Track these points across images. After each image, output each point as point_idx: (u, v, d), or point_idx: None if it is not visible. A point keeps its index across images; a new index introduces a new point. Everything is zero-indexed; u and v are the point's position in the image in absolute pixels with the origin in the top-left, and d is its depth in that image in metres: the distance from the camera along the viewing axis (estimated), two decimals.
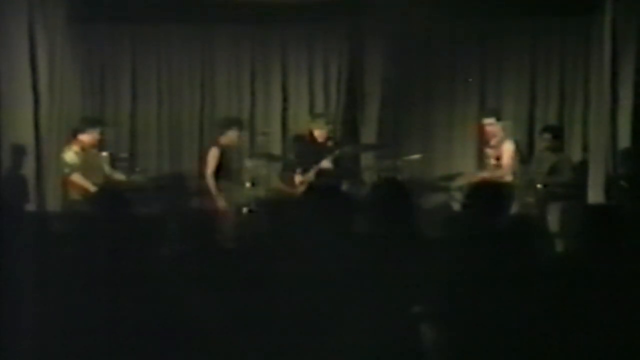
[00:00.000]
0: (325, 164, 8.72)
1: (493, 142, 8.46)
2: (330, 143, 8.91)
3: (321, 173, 8.67)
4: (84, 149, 8.23)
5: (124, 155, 9.29)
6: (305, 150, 8.93)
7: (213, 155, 8.53)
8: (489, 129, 8.47)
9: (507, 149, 8.32)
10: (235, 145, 8.74)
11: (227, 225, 4.34)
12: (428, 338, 3.55)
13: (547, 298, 3.54)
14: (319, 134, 8.88)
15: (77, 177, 8.07)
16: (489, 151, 8.53)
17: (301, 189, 8.51)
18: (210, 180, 8.46)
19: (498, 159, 8.35)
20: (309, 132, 9.01)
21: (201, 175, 8.58)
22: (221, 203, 8.21)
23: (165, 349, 3.35)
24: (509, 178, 8.17)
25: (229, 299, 3.46)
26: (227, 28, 9.80)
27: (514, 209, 8.30)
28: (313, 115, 9.47)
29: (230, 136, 8.63)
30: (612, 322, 3.46)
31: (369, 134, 9.79)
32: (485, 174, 8.41)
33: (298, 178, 8.78)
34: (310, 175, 8.69)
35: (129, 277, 3.48)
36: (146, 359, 3.36)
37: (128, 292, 3.43)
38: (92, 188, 8.00)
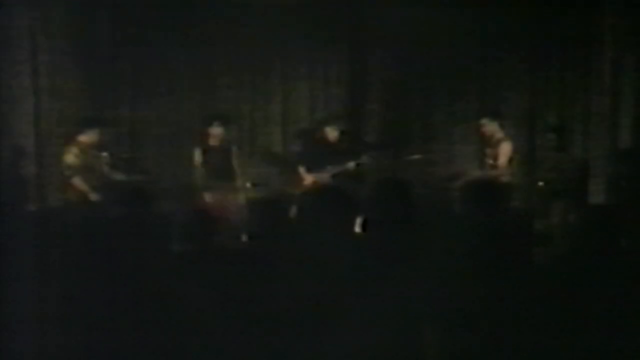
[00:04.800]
0: (351, 165, 8.70)
1: (491, 142, 8.45)
2: (342, 144, 8.90)
3: (339, 174, 8.65)
4: (83, 150, 8.20)
5: (124, 155, 9.27)
6: (316, 150, 8.90)
7: (197, 154, 8.45)
8: (485, 130, 8.46)
9: (504, 149, 8.30)
10: (221, 141, 8.53)
11: (220, 225, 4.32)
12: (428, 337, 3.55)
13: (547, 297, 3.54)
14: (332, 135, 8.84)
15: (77, 181, 8.05)
16: (488, 151, 8.53)
17: (307, 188, 8.44)
18: (199, 180, 8.41)
19: (496, 159, 8.34)
20: (320, 132, 8.97)
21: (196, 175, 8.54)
22: (214, 202, 8.17)
23: (164, 347, 3.35)
24: (506, 178, 8.15)
25: (229, 298, 3.46)
26: (227, 28, 9.79)
27: (515, 208, 8.35)
28: (328, 115, 9.43)
29: (213, 132, 8.50)
30: (612, 321, 3.46)
31: (369, 134, 9.79)
32: (483, 174, 8.40)
33: (309, 177, 8.75)
34: (325, 176, 8.67)
35: (128, 276, 3.48)
36: (146, 357, 3.36)
37: (129, 291, 3.43)
38: (91, 193, 7.98)
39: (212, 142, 8.47)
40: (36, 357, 3.40)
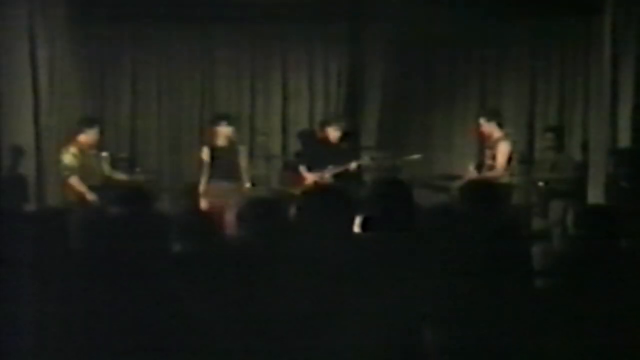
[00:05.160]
0: (353, 165, 8.73)
1: (489, 142, 8.45)
2: (343, 145, 8.90)
3: (340, 174, 8.66)
4: (82, 150, 8.20)
5: (124, 155, 9.29)
6: (317, 150, 8.90)
7: (204, 154, 8.45)
8: (484, 129, 8.46)
9: (502, 149, 8.29)
10: (228, 141, 8.51)
11: (218, 226, 4.30)
12: (428, 338, 3.55)
13: (547, 297, 3.55)
14: (334, 135, 8.84)
15: (74, 181, 8.05)
16: (487, 151, 8.53)
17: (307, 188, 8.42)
18: (202, 180, 8.41)
19: (494, 158, 8.33)
20: (321, 132, 8.96)
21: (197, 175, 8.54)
22: (216, 203, 8.16)
23: (165, 348, 3.35)
24: (504, 178, 8.13)
25: (227, 299, 3.46)
26: (227, 28, 9.80)
27: (515, 208, 8.34)
28: (330, 116, 9.42)
29: (220, 132, 8.51)
30: (612, 321, 3.46)
31: (369, 134, 9.80)
32: (482, 174, 8.39)
33: (310, 177, 8.75)
34: (327, 176, 8.67)
35: (128, 276, 3.48)
36: (147, 358, 3.36)
37: (129, 291, 3.43)
38: (89, 193, 7.98)
39: (220, 141, 8.47)
40: (36, 357, 3.40)
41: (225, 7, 9.15)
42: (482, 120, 8.46)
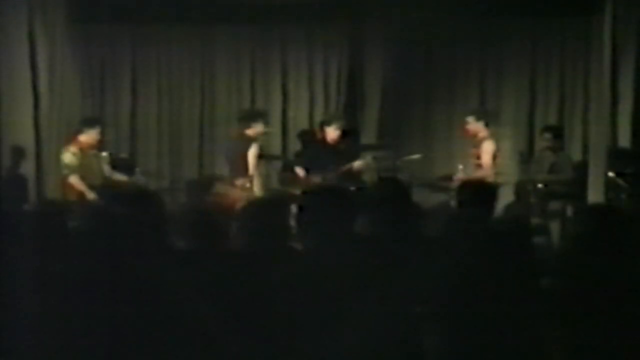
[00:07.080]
0: (357, 164, 8.72)
1: (474, 141, 8.47)
2: (342, 145, 8.89)
3: (343, 174, 8.64)
4: (82, 149, 8.20)
5: (124, 155, 9.28)
6: (317, 150, 8.88)
7: (253, 154, 8.30)
8: (469, 128, 8.47)
9: (487, 148, 8.30)
10: (261, 139, 8.51)
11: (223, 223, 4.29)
12: (428, 338, 3.55)
13: (547, 298, 3.55)
14: (332, 135, 8.82)
15: (74, 180, 8.04)
16: (473, 150, 8.54)
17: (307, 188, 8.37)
18: (256, 180, 8.33)
19: (479, 157, 8.35)
20: (320, 132, 8.95)
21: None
22: (222, 198, 8.15)
23: (169, 350, 3.36)
24: (491, 178, 8.11)
25: (227, 298, 3.47)
26: (227, 28, 9.80)
27: (514, 208, 8.34)
28: (329, 116, 9.40)
29: (256, 129, 8.42)
30: (612, 322, 3.46)
31: (369, 134, 9.79)
32: (470, 174, 8.36)
33: (309, 178, 8.72)
34: (326, 176, 8.66)
35: (129, 276, 3.48)
36: (147, 358, 3.37)
37: (129, 291, 3.43)
38: (89, 191, 7.97)
39: (254, 138, 8.43)
40: (36, 357, 3.40)
41: (225, 7, 9.15)
42: (469, 119, 8.48)
